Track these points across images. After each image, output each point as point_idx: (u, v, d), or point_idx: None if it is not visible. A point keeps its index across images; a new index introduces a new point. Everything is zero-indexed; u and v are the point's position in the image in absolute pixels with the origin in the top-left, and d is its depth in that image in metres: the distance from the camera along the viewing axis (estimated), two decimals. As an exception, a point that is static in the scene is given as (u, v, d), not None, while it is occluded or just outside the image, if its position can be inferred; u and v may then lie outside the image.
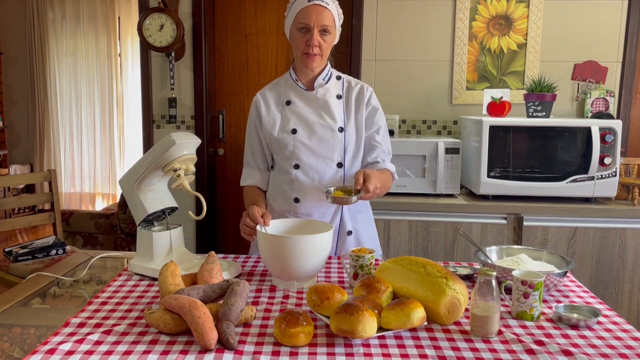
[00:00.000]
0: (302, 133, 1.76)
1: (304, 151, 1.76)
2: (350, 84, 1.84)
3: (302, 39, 1.69)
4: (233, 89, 3.43)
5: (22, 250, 2.61)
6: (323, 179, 1.77)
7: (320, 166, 1.77)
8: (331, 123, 1.77)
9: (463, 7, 3.05)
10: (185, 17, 3.19)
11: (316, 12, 1.66)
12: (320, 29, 1.67)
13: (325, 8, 1.67)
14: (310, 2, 1.66)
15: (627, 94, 3.05)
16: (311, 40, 1.67)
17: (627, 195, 2.72)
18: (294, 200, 1.79)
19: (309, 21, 1.66)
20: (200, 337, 1.09)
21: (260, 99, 1.83)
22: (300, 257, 1.40)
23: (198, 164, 1.91)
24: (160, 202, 1.64)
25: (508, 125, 2.58)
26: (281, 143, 1.77)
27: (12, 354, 1.10)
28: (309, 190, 1.77)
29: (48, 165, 6.08)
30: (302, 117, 1.77)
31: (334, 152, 1.77)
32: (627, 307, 2.61)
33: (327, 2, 1.68)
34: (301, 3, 1.68)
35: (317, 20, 1.66)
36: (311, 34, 1.67)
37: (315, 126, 1.76)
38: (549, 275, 1.40)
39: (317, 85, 1.78)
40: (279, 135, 1.78)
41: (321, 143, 1.76)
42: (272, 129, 1.79)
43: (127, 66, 5.99)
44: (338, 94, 1.81)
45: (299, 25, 1.68)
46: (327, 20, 1.67)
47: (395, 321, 1.15)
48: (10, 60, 5.97)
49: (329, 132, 1.76)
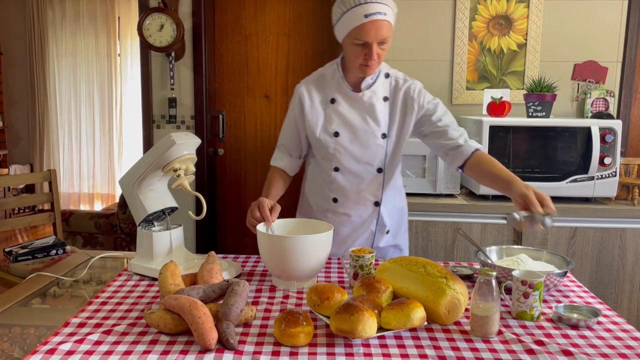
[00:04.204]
0: (344, 137, 1.71)
1: (344, 155, 1.72)
2: (397, 82, 1.73)
3: (359, 53, 1.58)
4: (233, 89, 3.43)
5: (22, 250, 2.61)
6: (362, 183, 1.75)
7: (360, 171, 1.74)
8: (375, 129, 1.70)
9: (463, 7, 3.05)
10: (185, 17, 3.19)
11: (374, 28, 1.52)
12: (378, 42, 1.55)
13: (382, 20, 1.53)
14: (368, 18, 1.51)
15: (627, 94, 3.05)
16: (370, 55, 1.56)
17: (627, 195, 2.72)
18: (332, 200, 1.79)
19: (367, 38, 1.53)
20: (200, 337, 1.09)
21: (305, 93, 1.74)
22: (300, 257, 1.40)
23: (198, 164, 1.91)
24: (160, 202, 1.64)
25: (508, 125, 2.58)
26: (322, 144, 1.73)
27: (12, 354, 1.10)
28: (348, 193, 1.76)
29: (48, 165, 6.08)
30: (345, 119, 1.70)
31: (375, 158, 1.73)
32: (627, 307, 2.61)
33: (385, 12, 1.53)
34: (357, 18, 1.52)
35: (376, 35, 1.53)
36: (370, 49, 1.55)
37: (359, 131, 1.70)
38: (549, 275, 1.40)
39: (365, 86, 1.69)
40: (320, 136, 1.72)
41: (363, 148, 1.71)
42: (315, 127, 1.73)
43: (127, 66, 5.99)
44: (385, 96, 1.71)
45: (355, 41, 1.55)
46: (386, 32, 1.54)
47: (395, 321, 1.15)
48: (10, 60, 5.97)
49: (371, 138, 1.71)
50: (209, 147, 3.37)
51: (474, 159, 1.66)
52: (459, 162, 1.68)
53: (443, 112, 1.74)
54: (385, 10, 1.53)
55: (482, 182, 1.64)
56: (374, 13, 1.51)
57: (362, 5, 1.51)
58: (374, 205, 1.79)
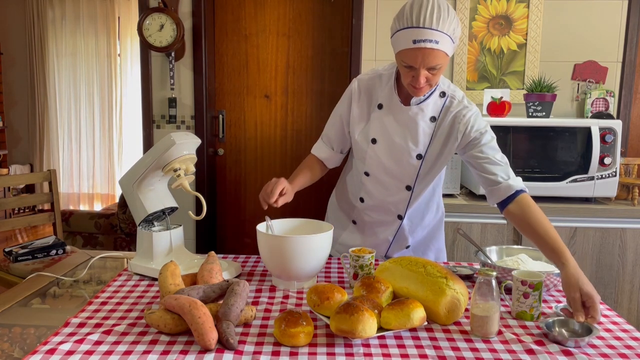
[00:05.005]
0: (380, 146, 1.65)
1: (376, 165, 1.68)
2: (452, 104, 1.60)
3: (407, 74, 1.46)
4: (233, 89, 3.43)
5: (22, 250, 2.61)
6: (389, 196, 1.72)
7: (389, 184, 1.70)
8: (412, 148, 1.62)
9: (463, 7, 3.05)
10: (185, 17, 3.19)
11: (422, 55, 1.39)
12: (427, 68, 1.42)
13: (432, 49, 1.38)
14: (416, 45, 1.38)
15: (627, 94, 3.05)
16: (417, 80, 1.44)
17: (627, 195, 2.72)
18: (359, 199, 1.77)
19: (413, 63, 1.41)
20: (200, 337, 1.09)
21: (357, 90, 1.67)
22: (300, 257, 1.40)
23: (198, 164, 1.91)
24: (160, 202, 1.64)
25: (508, 125, 2.58)
26: (359, 146, 1.69)
27: (12, 354, 1.10)
28: (374, 198, 1.74)
29: (48, 165, 6.08)
30: (386, 129, 1.63)
31: (405, 176, 1.67)
32: (627, 307, 2.61)
33: (437, 40, 1.37)
34: (406, 41, 1.40)
35: (423, 62, 1.40)
36: (417, 73, 1.43)
37: (395, 145, 1.63)
38: (549, 275, 1.40)
39: (415, 101, 1.58)
40: (358, 138, 1.68)
41: (395, 164, 1.65)
42: (356, 126, 1.68)
43: (127, 66, 5.99)
44: (433, 116, 1.60)
45: (402, 62, 1.44)
46: (436, 61, 1.40)
47: (395, 321, 1.15)
48: (10, 60, 5.97)
49: (405, 156, 1.63)
50: (209, 147, 3.37)
51: (516, 204, 1.50)
52: (496, 200, 1.55)
53: (487, 141, 1.58)
54: (439, 39, 1.37)
55: (524, 235, 1.49)
56: (423, 40, 1.37)
57: (412, 29, 1.38)
58: (398, 219, 1.77)
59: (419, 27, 1.37)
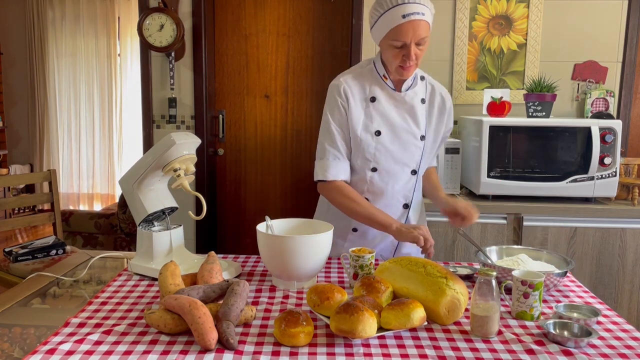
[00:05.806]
0: (385, 136, 1.69)
1: (384, 155, 1.70)
2: (433, 87, 1.77)
3: (397, 54, 1.58)
4: (233, 89, 3.43)
5: (22, 250, 2.61)
6: (397, 184, 1.74)
7: (397, 171, 1.72)
8: (415, 130, 1.71)
9: (463, 7, 3.05)
10: (185, 17, 3.19)
11: (412, 28, 1.52)
12: (416, 43, 1.56)
13: (420, 20, 1.53)
14: (406, 19, 1.52)
15: (627, 94, 3.05)
16: (408, 56, 1.56)
17: (627, 195, 2.72)
18: None
19: (405, 38, 1.54)
20: (200, 337, 1.09)
21: (348, 89, 1.69)
22: (300, 257, 1.40)
23: (198, 164, 1.91)
24: (160, 202, 1.64)
25: (508, 125, 2.58)
26: (363, 143, 1.69)
27: (12, 354, 1.10)
28: (381, 194, 1.73)
29: (48, 165, 6.08)
30: (387, 118, 1.69)
31: (412, 160, 1.73)
32: (627, 307, 2.61)
33: (423, 12, 1.54)
34: (395, 19, 1.53)
35: (414, 36, 1.54)
36: (408, 50, 1.56)
37: (400, 131, 1.70)
38: (549, 275, 1.40)
39: (405, 87, 1.70)
40: (361, 135, 1.68)
41: (403, 149, 1.71)
42: (356, 125, 1.69)
43: (126, 66, 5.99)
44: (422, 98, 1.73)
45: (393, 42, 1.56)
46: (424, 32, 1.55)
47: (395, 321, 1.15)
48: (10, 60, 5.97)
49: (411, 139, 1.71)
50: (209, 147, 3.37)
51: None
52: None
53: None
54: (424, 11, 1.53)
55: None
56: (412, 13, 1.52)
57: (400, 6, 1.52)
58: (403, 208, 1.78)
59: (405, 3, 1.53)
